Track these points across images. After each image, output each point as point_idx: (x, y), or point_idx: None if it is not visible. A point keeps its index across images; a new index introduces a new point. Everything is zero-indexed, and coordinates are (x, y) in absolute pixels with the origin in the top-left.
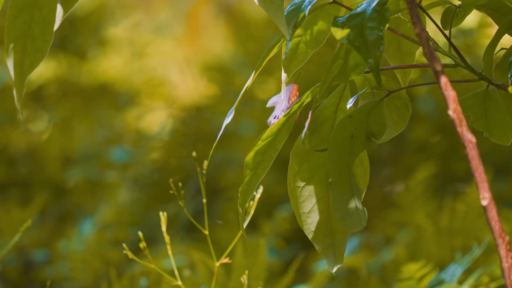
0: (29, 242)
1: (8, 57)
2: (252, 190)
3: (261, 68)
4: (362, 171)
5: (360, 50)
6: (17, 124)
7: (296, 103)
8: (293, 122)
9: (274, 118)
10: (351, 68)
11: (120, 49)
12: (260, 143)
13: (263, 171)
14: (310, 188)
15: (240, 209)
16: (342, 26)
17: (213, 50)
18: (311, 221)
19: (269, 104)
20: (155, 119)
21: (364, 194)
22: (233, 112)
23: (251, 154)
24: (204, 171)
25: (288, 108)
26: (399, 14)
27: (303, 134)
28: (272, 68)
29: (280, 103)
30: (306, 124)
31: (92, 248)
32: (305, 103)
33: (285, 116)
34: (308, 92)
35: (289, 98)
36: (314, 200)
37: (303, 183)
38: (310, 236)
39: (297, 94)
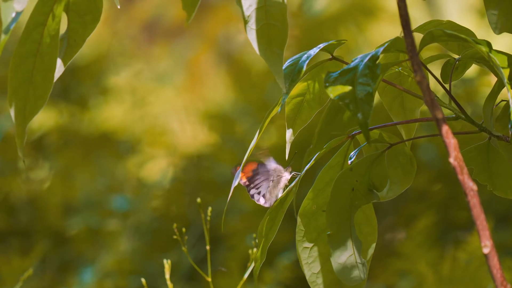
0: None
1: (11, 105)
2: (264, 255)
3: (264, 128)
4: (370, 229)
5: (349, 107)
6: (18, 173)
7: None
8: (298, 183)
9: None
10: (348, 119)
11: (121, 97)
12: (270, 211)
13: (272, 234)
14: (319, 249)
15: (254, 276)
16: (334, 82)
17: (213, 99)
18: (320, 282)
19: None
20: (156, 167)
21: (373, 251)
22: (240, 175)
23: (264, 223)
24: (209, 218)
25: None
26: (400, 68)
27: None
28: (273, 117)
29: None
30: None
31: None
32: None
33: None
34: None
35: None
36: (323, 261)
37: (311, 244)
38: None
39: (245, 174)
